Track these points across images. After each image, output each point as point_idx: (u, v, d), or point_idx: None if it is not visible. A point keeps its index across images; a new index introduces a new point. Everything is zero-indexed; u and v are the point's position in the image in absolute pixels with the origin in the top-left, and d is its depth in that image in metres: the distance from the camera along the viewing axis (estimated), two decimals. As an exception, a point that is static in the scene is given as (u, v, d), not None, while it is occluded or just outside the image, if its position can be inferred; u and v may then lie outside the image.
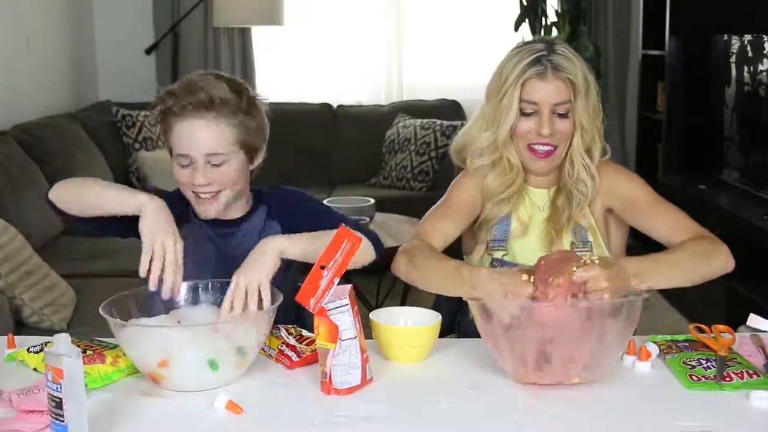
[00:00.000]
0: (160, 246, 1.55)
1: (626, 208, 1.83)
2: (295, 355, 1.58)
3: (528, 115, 1.78)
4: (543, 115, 1.76)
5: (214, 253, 1.81)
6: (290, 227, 1.75)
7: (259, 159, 1.82)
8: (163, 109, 1.72)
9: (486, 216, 1.87)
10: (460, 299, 1.88)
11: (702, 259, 1.67)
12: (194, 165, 1.71)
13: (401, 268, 1.76)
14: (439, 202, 1.89)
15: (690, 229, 1.75)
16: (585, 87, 1.78)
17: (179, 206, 1.78)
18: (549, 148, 1.79)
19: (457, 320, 1.99)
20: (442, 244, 1.82)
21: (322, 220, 1.75)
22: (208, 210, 1.76)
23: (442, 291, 1.73)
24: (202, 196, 1.74)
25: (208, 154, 1.70)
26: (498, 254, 1.86)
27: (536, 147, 1.79)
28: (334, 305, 1.47)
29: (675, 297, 4.09)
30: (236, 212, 1.82)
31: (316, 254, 1.48)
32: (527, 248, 1.85)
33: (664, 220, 1.79)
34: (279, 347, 1.60)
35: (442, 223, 1.84)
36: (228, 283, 1.65)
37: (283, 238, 1.64)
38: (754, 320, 1.71)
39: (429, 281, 1.72)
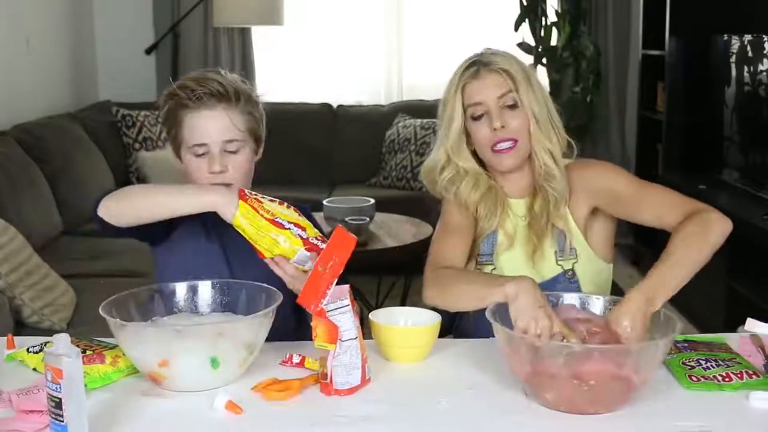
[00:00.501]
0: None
1: (612, 200, 1.80)
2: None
3: (479, 119, 1.80)
4: (491, 112, 1.79)
5: (217, 247, 1.82)
6: None
7: (261, 152, 1.85)
8: (175, 103, 1.75)
9: (478, 232, 1.87)
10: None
11: (700, 240, 1.61)
12: (210, 153, 1.75)
13: (431, 294, 1.72)
14: (437, 230, 1.89)
15: (679, 207, 1.70)
16: (524, 77, 1.80)
17: None
18: (510, 143, 1.79)
19: (455, 322, 1.99)
20: (459, 265, 1.81)
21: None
22: None
23: (475, 298, 1.63)
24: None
25: (224, 141, 1.74)
26: (487, 269, 1.87)
27: (498, 146, 1.80)
28: (335, 306, 1.47)
29: (675, 296, 4.09)
30: None
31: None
32: (514, 261, 1.85)
33: (653, 204, 1.74)
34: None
35: (450, 245, 1.82)
36: (227, 284, 1.65)
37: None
38: (751, 324, 1.71)
39: (461, 296, 1.68)
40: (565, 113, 1.89)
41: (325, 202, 3.80)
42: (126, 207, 1.67)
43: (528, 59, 4.76)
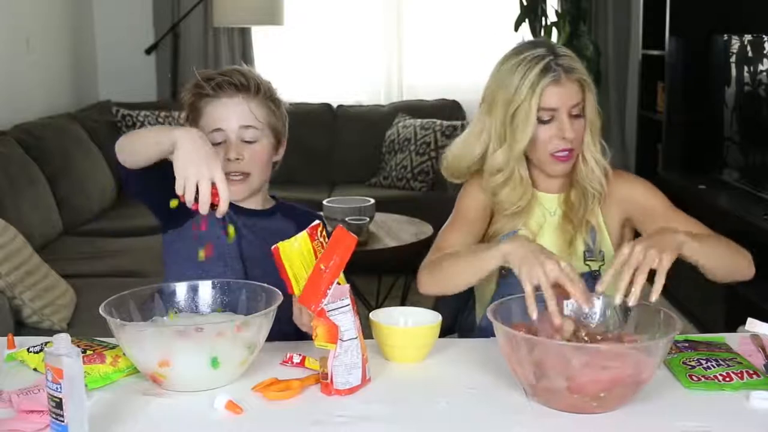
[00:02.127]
0: (192, 186, 1.47)
1: (645, 215, 1.81)
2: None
3: (546, 122, 1.76)
4: (563, 120, 1.75)
5: (234, 244, 1.81)
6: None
7: (281, 152, 1.87)
8: (195, 94, 1.77)
9: (497, 229, 1.85)
10: (461, 298, 1.88)
11: (734, 252, 1.65)
12: (227, 141, 1.76)
13: (425, 279, 1.72)
14: (451, 217, 1.87)
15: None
16: (590, 86, 1.80)
17: None
18: (569, 152, 1.79)
19: (458, 320, 1.99)
20: None
21: None
22: (236, 191, 1.76)
23: (471, 272, 1.64)
24: (233, 176, 1.75)
25: (241, 126, 1.76)
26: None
27: (558, 154, 1.78)
28: (335, 306, 1.47)
29: (675, 296, 4.10)
30: (257, 204, 1.85)
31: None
32: None
33: (684, 226, 1.71)
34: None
35: (458, 237, 1.81)
36: (227, 284, 1.65)
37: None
38: (751, 324, 1.71)
39: (456, 271, 1.66)
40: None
41: (325, 202, 3.80)
42: (129, 144, 1.65)
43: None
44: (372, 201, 3.83)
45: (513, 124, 1.76)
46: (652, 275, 1.49)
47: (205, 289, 1.68)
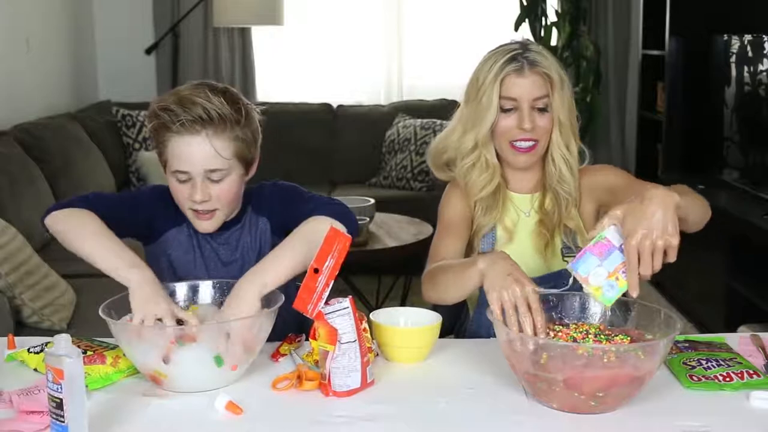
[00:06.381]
0: (150, 322, 1.50)
1: (613, 195, 1.82)
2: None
3: (508, 111, 1.81)
4: (523, 111, 1.79)
5: (202, 257, 1.82)
6: (276, 218, 1.80)
7: (254, 168, 1.79)
8: (159, 123, 1.68)
9: (476, 226, 1.88)
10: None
11: (702, 199, 1.67)
12: (192, 181, 1.69)
13: (425, 289, 1.75)
14: (438, 226, 1.91)
15: None
16: (560, 82, 1.81)
17: (173, 205, 1.78)
18: (530, 143, 1.81)
19: (456, 324, 1.99)
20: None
21: (302, 204, 1.75)
22: (205, 226, 1.75)
23: (458, 288, 1.65)
24: (201, 212, 1.72)
25: (207, 170, 1.68)
26: None
27: (518, 144, 1.82)
28: (333, 309, 1.46)
29: (674, 296, 4.10)
30: (229, 217, 1.82)
31: (304, 264, 1.52)
32: (515, 254, 1.84)
33: None
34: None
35: (448, 244, 1.84)
36: (227, 284, 1.65)
37: (259, 273, 1.57)
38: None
39: (446, 287, 1.68)
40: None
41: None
42: (63, 235, 1.69)
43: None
44: (372, 201, 3.83)
45: (478, 110, 1.83)
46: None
47: (205, 289, 1.68)
